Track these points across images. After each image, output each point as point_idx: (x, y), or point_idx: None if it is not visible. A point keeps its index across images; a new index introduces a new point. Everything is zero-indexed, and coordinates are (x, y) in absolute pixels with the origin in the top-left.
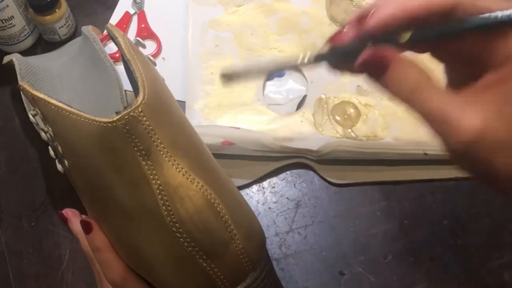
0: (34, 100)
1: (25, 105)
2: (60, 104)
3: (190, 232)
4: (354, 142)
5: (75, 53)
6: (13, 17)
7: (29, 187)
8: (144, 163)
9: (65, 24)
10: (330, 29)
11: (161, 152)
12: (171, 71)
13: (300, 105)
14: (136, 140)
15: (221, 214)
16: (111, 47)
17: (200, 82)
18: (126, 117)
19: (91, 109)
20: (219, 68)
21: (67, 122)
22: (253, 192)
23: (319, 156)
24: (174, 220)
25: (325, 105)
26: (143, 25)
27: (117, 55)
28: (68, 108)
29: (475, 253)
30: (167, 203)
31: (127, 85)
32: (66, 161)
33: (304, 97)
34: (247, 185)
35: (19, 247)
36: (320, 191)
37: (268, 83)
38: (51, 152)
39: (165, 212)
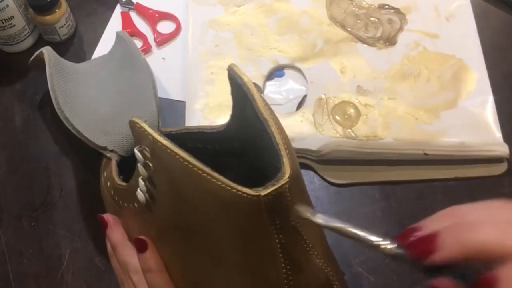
0: (153, 145)
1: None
2: (198, 164)
3: None
4: (354, 142)
5: (103, 59)
6: (13, 17)
7: (29, 187)
8: (276, 236)
9: (65, 24)
10: (330, 29)
11: (294, 226)
12: (171, 71)
13: (300, 105)
14: (274, 213)
15: None
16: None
17: (200, 82)
18: (273, 193)
19: (121, 105)
20: (219, 68)
21: (192, 177)
22: None
23: (319, 156)
24: None
25: (325, 105)
26: (150, 11)
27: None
28: (207, 170)
29: None
30: (290, 277)
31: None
32: (158, 198)
33: (304, 97)
34: None
35: (19, 247)
36: (320, 191)
37: (268, 83)
38: (141, 184)
39: (286, 287)
